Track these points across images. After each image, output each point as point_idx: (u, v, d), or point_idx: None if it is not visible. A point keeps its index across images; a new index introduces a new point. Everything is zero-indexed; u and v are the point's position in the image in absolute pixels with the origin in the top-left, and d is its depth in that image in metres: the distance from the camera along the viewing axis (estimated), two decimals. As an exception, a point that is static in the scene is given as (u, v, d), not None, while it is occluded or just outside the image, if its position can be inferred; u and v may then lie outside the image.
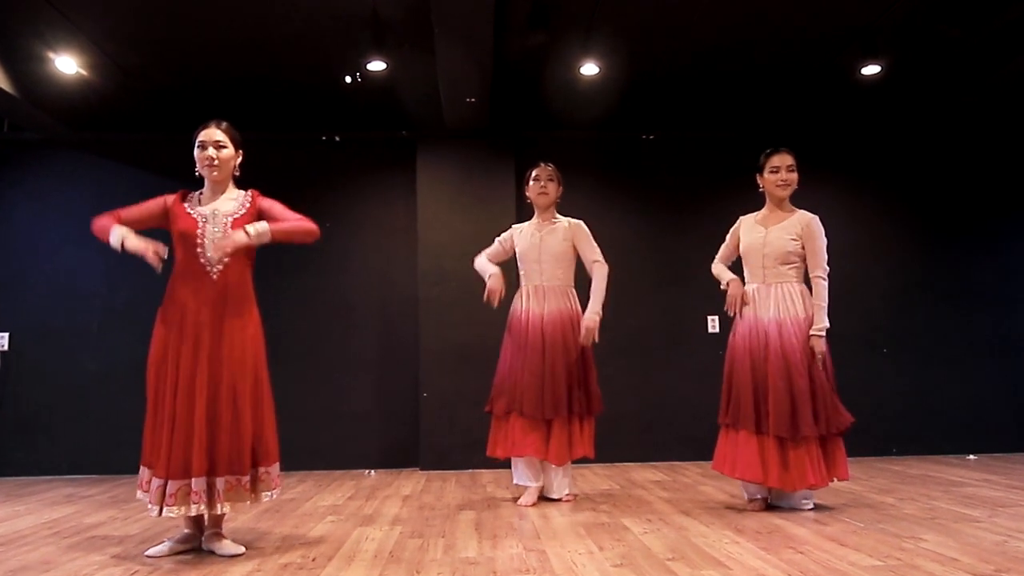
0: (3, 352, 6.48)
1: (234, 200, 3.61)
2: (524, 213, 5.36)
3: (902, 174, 7.09)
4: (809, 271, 4.33)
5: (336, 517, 4.34)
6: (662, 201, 6.91)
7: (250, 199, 3.63)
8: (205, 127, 3.55)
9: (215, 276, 3.47)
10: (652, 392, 6.63)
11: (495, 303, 4.72)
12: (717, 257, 4.64)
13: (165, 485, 3.27)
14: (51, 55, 5.36)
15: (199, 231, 3.48)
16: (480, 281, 4.84)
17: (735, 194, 6.69)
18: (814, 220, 4.34)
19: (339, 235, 6.73)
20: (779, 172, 4.37)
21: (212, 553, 3.45)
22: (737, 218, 4.62)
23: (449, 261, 6.49)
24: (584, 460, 4.82)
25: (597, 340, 4.72)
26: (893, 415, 6.78)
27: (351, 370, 6.65)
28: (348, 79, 5.69)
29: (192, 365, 3.37)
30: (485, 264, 4.92)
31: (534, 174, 4.86)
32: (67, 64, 5.44)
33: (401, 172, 6.78)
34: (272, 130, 6.69)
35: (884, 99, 6.55)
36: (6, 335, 6.50)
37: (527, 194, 4.92)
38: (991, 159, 7.15)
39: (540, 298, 4.75)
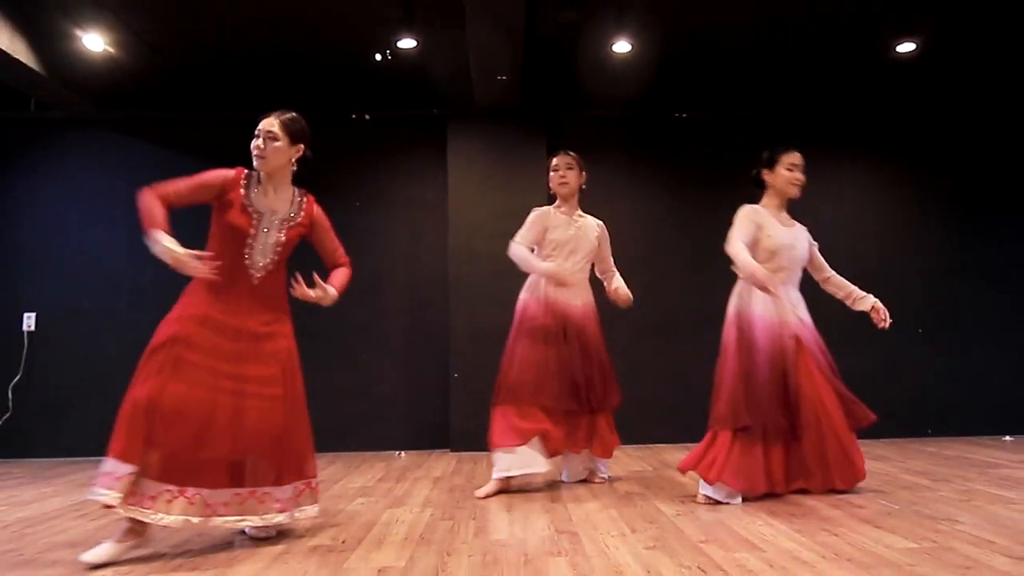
0: (30, 332, 6.71)
1: (289, 201, 3.49)
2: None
3: (939, 153, 7.15)
4: (825, 276, 4.52)
5: (366, 499, 4.42)
6: (694, 181, 7.01)
7: (305, 205, 3.53)
8: (267, 115, 3.43)
9: (255, 281, 3.42)
10: (684, 373, 6.67)
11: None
12: (741, 239, 4.28)
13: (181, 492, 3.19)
14: (78, 32, 5.51)
15: (252, 231, 3.36)
16: (508, 259, 4.82)
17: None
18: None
19: (368, 215, 6.88)
20: (795, 172, 4.32)
21: (243, 535, 3.49)
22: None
23: (479, 240, 6.63)
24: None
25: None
26: (928, 396, 6.87)
27: (380, 350, 6.81)
28: (378, 57, 5.79)
29: (228, 370, 3.29)
30: (531, 259, 4.72)
31: (553, 163, 4.83)
32: (94, 41, 5.59)
33: (431, 151, 6.91)
34: (301, 109, 6.51)
35: (919, 78, 6.59)
36: (33, 315, 6.72)
37: (549, 183, 4.89)
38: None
39: (565, 288, 4.70)
